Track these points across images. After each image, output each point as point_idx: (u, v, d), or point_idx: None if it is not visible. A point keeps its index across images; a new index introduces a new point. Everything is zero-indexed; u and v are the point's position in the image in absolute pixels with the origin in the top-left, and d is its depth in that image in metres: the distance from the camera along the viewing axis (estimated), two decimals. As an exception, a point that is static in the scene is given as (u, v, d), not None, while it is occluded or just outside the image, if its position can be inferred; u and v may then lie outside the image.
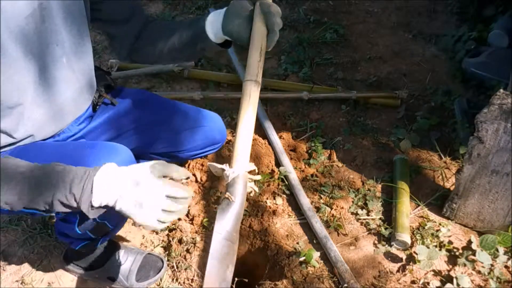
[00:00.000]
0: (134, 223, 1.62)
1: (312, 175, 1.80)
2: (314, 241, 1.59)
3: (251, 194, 0.98)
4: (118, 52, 1.32)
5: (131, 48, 1.29)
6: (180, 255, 1.56)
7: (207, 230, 1.63)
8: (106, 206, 0.91)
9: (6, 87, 0.99)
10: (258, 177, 1.01)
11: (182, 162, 1.75)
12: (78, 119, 1.26)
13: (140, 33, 1.27)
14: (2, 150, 1.12)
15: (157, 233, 1.64)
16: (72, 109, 1.21)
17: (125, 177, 0.90)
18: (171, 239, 1.61)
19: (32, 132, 1.14)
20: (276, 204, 1.71)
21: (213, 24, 1.12)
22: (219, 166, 0.95)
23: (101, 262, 1.47)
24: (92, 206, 0.90)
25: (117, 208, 0.90)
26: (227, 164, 0.95)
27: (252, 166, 0.96)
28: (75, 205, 0.89)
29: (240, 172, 0.93)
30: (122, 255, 1.49)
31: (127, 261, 1.49)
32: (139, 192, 0.89)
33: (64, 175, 0.90)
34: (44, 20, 1.03)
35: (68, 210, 0.92)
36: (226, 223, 0.90)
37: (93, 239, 1.31)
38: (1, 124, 1.05)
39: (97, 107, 1.33)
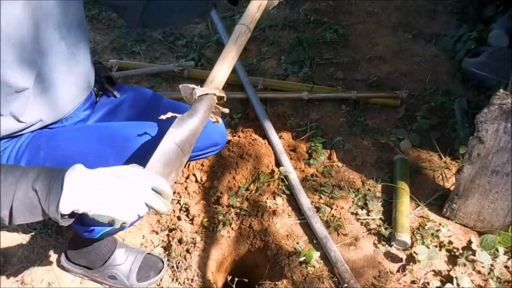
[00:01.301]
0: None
1: (312, 175, 1.80)
2: (314, 241, 1.59)
3: (214, 122, 1.04)
4: (131, 24, 1.33)
5: (142, 16, 1.30)
6: (180, 255, 1.56)
7: (207, 230, 1.63)
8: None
9: (10, 72, 0.99)
10: (226, 110, 1.05)
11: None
12: (83, 104, 1.26)
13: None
14: (15, 134, 1.14)
15: (157, 233, 1.64)
16: (69, 102, 1.22)
17: (103, 172, 0.83)
18: (171, 239, 1.61)
19: (40, 116, 1.14)
20: (276, 204, 1.71)
21: None
22: (190, 86, 0.98)
23: (101, 261, 1.47)
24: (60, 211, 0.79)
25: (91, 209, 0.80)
26: (199, 86, 0.99)
27: (222, 93, 0.99)
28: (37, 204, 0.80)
29: (208, 92, 0.97)
30: (122, 254, 1.49)
31: (128, 261, 1.49)
32: (120, 184, 0.81)
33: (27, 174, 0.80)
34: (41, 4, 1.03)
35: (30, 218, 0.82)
36: (182, 131, 0.92)
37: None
38: (9, 107, 1.04)
39: (99, 98, 1.34)
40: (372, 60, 2.36)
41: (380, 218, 1.65)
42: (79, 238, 1.38)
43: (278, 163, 1.83)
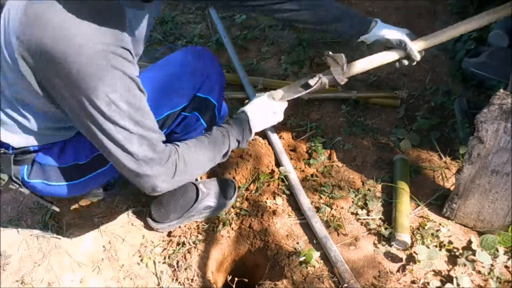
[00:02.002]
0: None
1: (312, 175, 1.80)
2: (314, 241, 1.59)
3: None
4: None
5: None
6: (180, 255, 1.56)
7: (207, 230, 1.63)
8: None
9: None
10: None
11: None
12: None
13: None
14: None
15: (157, 232, 1.64)
16: None
17: (267, 109, 1.37)
18: (171, 239, 1.61)
19: None
20: (276, 204, 1.71)
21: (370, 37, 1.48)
22: (343, 60, 1.42)
23: (191, 202, 1.61)
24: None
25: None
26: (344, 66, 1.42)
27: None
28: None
29: (339, 81, 1.43)
30: (204, 187, 1.64)
31: (211, 189, 1.65)
32: (276, 118, 1.40)
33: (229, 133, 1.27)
34: None
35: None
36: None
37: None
38: None
39: None
40: (372, 60, 2.36)
41: (380, 218, 1.65)
42: (164, 201, 1.59)
43: (278, 163, 1.83)
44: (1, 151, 1.24)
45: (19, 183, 1.29)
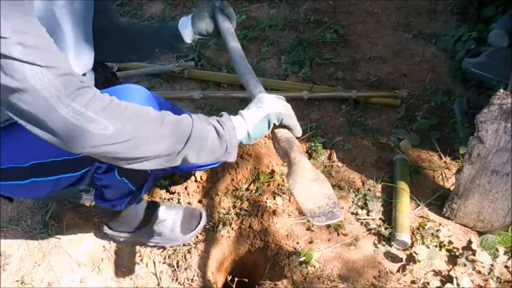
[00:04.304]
0: None
1: (312, 175, 1.80)
2: (314, 241, 1.59)
3: None
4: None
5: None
6: (180, 255, 1.56)
7: (207, 230, 1.63)
8: None
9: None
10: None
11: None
12: None
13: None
14: None
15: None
16: None
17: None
18: (171, 239, 1.61)
19: None
20: (276, 204, 1.71)
21: (185, 30, 1.36)
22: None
23: (145, 222, 1.53)
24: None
25: None
26: None
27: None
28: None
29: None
30: (163, 211, 1.56)
31: (170, 216, 1.56)
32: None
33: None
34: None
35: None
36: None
37: (134, 192, 1.36)
38: None
39: None
40: (372, 60, 2.36)
41: (380, 218, 1.65)
42: (122, 212, 1.49)
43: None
44: None
45: None
